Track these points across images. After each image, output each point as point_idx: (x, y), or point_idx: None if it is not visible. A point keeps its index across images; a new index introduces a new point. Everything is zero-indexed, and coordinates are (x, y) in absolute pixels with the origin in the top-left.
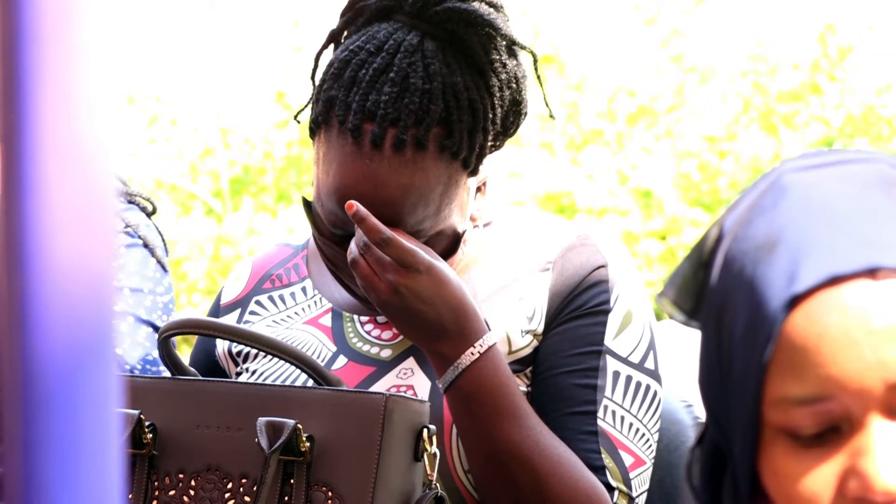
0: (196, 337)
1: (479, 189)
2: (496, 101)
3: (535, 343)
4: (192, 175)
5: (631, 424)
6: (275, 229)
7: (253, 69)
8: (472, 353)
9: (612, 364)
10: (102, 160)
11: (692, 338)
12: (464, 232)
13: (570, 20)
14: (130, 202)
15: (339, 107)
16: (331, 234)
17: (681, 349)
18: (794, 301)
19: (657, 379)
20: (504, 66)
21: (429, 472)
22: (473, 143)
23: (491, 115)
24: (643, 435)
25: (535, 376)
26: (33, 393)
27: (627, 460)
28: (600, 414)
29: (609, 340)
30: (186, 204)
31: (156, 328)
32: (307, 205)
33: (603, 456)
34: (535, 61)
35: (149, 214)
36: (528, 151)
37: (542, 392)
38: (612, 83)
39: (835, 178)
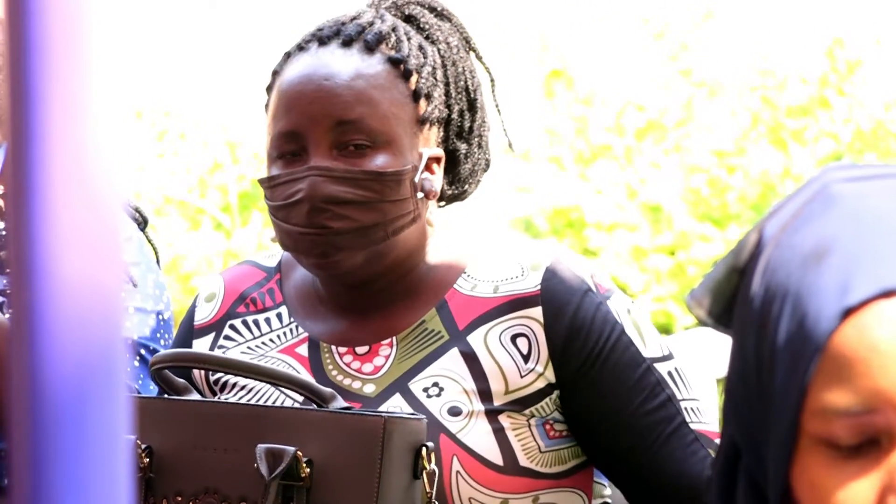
0: None
1: (428, 167)
2: (448, 70)
3: (542, 384)
4: (200, 190)
5: (704, 409)
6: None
7: (261, 84)
8: None
9: (662, 369)
10: (110, 177)
11: (692, 352)
12: (414, 170)
13: (579, 34)
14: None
15: (292, 47)
16: (284, 163)
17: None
18: (846, 313)
19: (675, 355)
20: (460, 56)
21: (427, 489)
22: (421, 75)
23: (440, 70)
24: (709, 409)
25: (599, 422)
26: (42, 413)
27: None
28: (687, 419)
29: (644, 352)
30: (195, 219)
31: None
32: (260, 182)
33: (713, 455)
34: (493, 83)
35: (141, 227)
36: (537, 166)
37: (625, 433)
38: (621, 97)
39: (885, 191)
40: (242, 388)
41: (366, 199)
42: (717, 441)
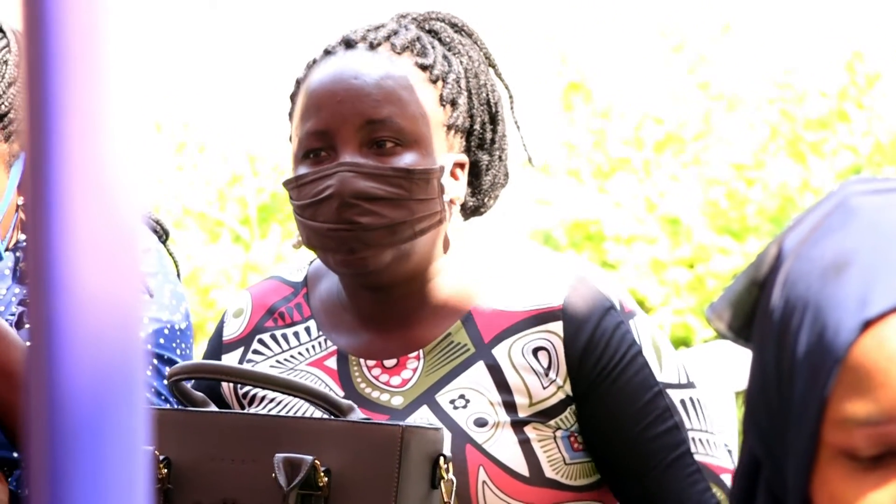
0: None
1: (452, 173)
2: (471, 81)
3: (562, 396)
4: (219, 202)
5: (715, 442)
6: (301, 256)
7: (280, 95)
8: None
9: (675, 396)
10: (129, 189)
11: (711, 365)
12: (441, 170)
13: (597, 47)
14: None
15: (318, 54)
16: (312, 162)
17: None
18: (865, 325)
19: (697, 385)
20: (481, 70)
21: (445, 498)
22: (447, 82)
23: (463, 80)
24: (722, 444)
25: (605, 439)
26: (60, 425)
27: (727, 480)
28: (693, 449)
29: (659, 376)
30: (214, 231)
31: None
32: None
33: (714, 491)
34: (511, 99)
35: (162, 239)
36: (555, 179)
37: (628, 453)
38: (639, 110)
39: None
40: (271, 400)
41: (395, 196)
42: (722, 476)
